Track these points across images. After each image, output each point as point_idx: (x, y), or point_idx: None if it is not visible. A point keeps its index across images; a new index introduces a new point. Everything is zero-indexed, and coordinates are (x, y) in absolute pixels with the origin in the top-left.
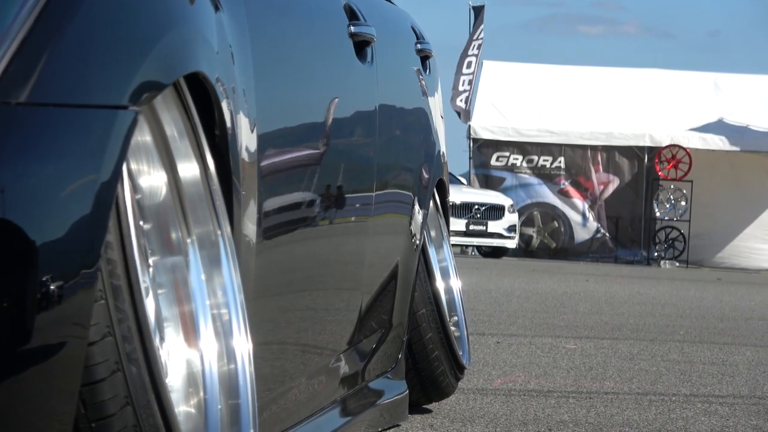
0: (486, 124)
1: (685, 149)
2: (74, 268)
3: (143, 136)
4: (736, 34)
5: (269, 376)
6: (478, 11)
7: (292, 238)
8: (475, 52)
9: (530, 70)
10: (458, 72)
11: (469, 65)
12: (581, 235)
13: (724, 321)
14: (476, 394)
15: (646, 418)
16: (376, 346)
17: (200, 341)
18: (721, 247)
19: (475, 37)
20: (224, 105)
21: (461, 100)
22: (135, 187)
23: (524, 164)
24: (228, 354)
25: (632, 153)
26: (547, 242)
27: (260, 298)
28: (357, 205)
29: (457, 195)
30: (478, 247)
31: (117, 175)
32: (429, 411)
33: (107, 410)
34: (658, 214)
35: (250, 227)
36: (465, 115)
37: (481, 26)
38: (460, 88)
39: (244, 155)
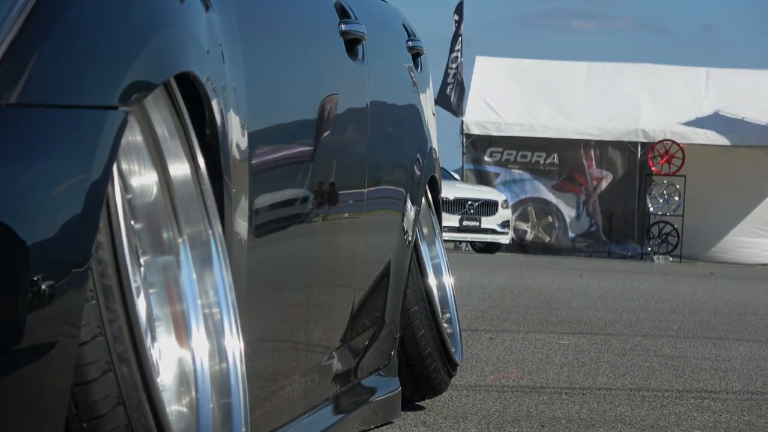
0: (479, 120)
1: (678, 144)
2: (65, 268)
3: (134, 135)
4: (729, 29)
5: (262, 374)
6: (458, 7)
7: (284, 236)
8: (459, 47)
9: (523, 66)
10: (447, 66)
11: (455, 60)
12: (575, 230)
13: (717, 316)
14: (469, 391)
15: (638, 414)
16: (368, 343)
17: (192, 340)
18: (715, 242)
19: (458, 33)
20: (215, 104)
21: (450, 90)
22: (126, 187)
23: (518, 160)
24: (219, 353)
25: (625, 148)
26: (541, 237)
27: (252, 296)
28: (349, 202)
29: (450, 191)
30: (472, 243)
31: (107, 175)
32: (422, 408)
33: (99, 410)
34: (651, 209)
35: (241, 226)
36: (453, 105)
37: (460, 21)
38: (448, 81)
39: (235, 154)
